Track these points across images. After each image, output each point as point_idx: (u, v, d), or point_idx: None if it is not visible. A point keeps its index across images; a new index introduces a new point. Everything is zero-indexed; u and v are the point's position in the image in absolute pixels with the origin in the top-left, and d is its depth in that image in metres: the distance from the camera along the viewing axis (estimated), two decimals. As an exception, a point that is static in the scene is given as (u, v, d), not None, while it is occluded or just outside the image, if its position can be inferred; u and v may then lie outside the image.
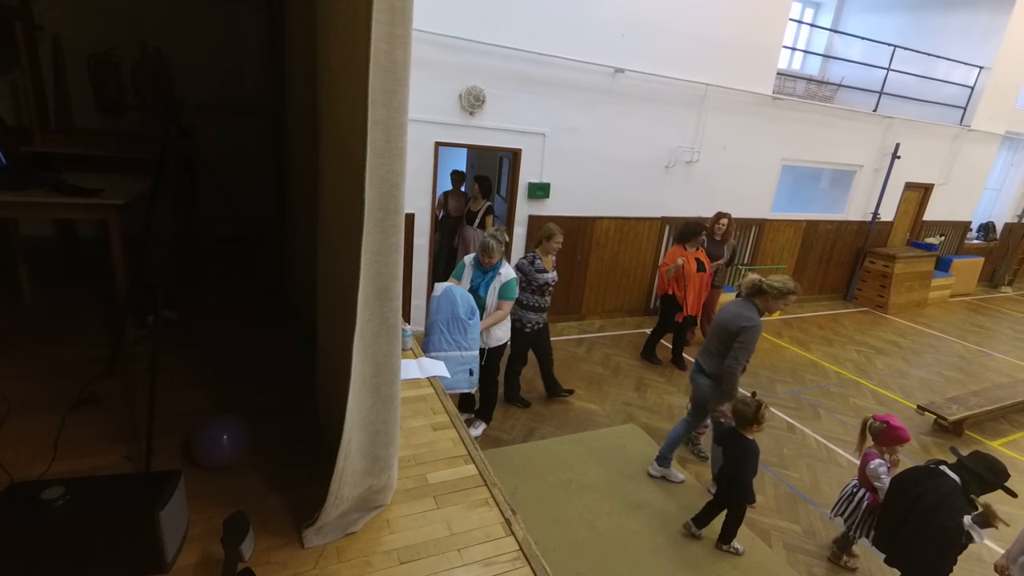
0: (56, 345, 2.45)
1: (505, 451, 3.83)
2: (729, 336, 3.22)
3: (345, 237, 1.47)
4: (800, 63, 9.77)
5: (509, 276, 3.53)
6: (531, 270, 3.95)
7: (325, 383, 1.95)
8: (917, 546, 2.57)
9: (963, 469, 2.58)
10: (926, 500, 2.56)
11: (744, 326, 3.15)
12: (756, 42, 6.32)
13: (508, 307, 3.59)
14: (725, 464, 3.06)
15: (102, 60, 3.97)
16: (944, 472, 2.60)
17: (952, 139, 8.79)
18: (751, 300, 3.22)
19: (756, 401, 2.96)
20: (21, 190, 2.30)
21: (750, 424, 2.93)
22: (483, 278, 3.52)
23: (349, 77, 1.38)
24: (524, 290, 3.98)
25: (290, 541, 1.56)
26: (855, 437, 4.54)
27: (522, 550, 1.66)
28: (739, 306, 3.24)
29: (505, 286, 3.52)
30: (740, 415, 2.97)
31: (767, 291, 3.16)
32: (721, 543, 3.14)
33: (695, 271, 5.09)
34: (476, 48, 4.94)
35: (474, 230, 5.88)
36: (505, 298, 3.54)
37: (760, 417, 2.92)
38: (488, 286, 3.50)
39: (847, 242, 8.54)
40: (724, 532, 3.12)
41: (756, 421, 2.92)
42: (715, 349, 3.34)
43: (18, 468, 1.68)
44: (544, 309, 4.10)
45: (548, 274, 3.98)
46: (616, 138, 5.96)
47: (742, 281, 3.32)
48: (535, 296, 4.00)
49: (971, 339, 7.58)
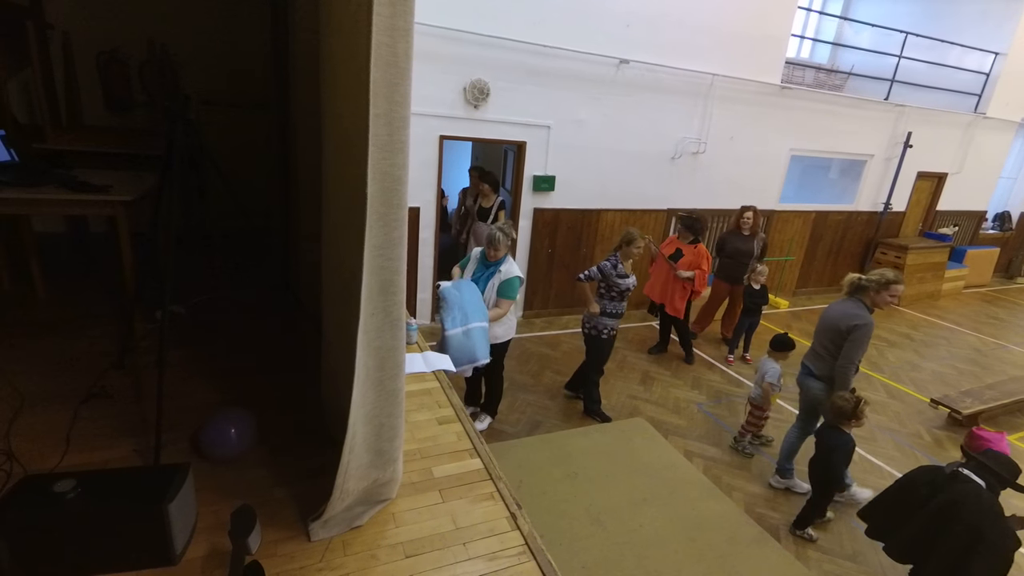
0: (67, 339, 2.49)
1: (510, 444, 3.84)
2: (839, 335, 3.19)
3: (348, 231, 1.47)
4: (809, 52, 9.62)
5: (511, 274, 3.44)
6: (613, 274, 3.85)
7: (330, 377, 1.97)
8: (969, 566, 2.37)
9: (984, 469, 2.51)
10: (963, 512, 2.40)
11: (855, 324, 3.12)
12: (764, 31, 6.22)
13: (507, 307, 3.47)
14: (817, 456, 3.09)
15: (111, 58, 4.00)
16: (969, 476, 2.51)
17: (966, 127, 8.63)
18: (858, 298, 3.19)
19: (856, 397, 2.98)
20: (34, 187, 2.33)
21: (848, 419, 2.97)
22: (484, 272, 3.46)
23: (351, 70, 1.38)
24: (603, 296, 3.93)
25: (296, 534, 1.58)
26: (864, 431, 4.53)
27: (527, 544, 1.66)
28: (847, 305, 3.22)
29: (505, 283, 3.42)
30: (839, 410, 2.99)
31: (867, 286, 3.14)
32: (796, 528, 3.17)
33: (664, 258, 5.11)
34: (480, 41, 4.91)
35: (487, 226, 5.83)
36: (505, 296, 3.44)
37: (859, 412, 2.94)
38: (487, 281, 3.44)
39: (857, 233, 8.43)
40: (801, 518, 3.16)
41: (854, 416, 2.96)
42: (824, 351, 3.30)
43: (31, 460, 1.71)
44: (621, 315, 4.02)
45: (629, 279, 3.90)
46: (621, 130, 5.92)
47: (843, 281, 3.32)
48: (614, 302, 3.92)
49: (986, 331, 7.48)
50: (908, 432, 4.67)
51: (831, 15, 9.02)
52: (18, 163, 2.55)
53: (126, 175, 2.77)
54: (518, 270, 3.52)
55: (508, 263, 3.47)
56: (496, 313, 3.44)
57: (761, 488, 3.68)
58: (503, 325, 3.57)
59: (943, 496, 2.50)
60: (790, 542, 3.21)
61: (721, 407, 4.73)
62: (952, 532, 2.41)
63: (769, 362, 3.86)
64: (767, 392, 3.83)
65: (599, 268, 3.91)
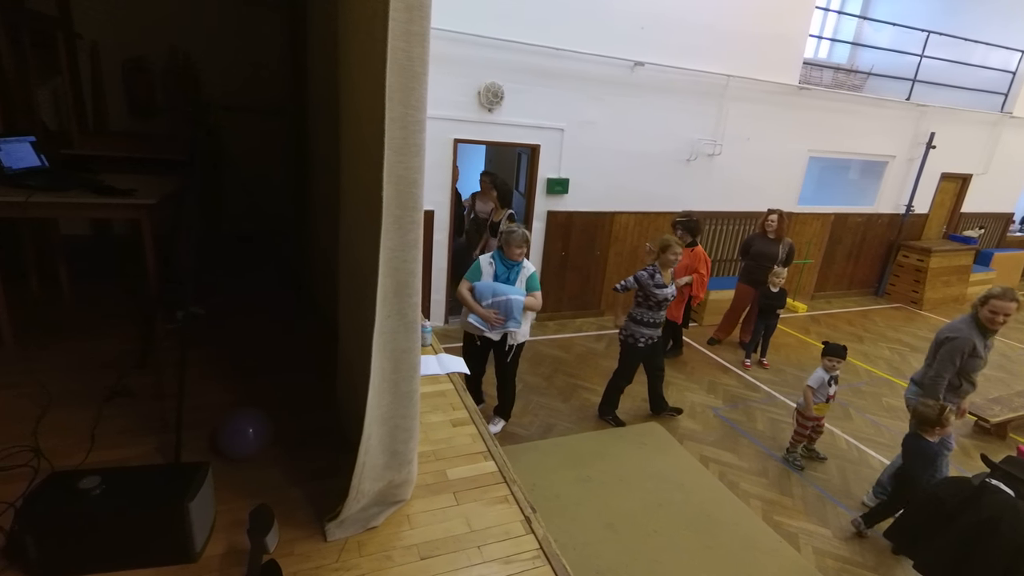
0: (92, 339, 2.55)
1: (523, 447, 3.84)
2: (935, 347, 3.21)
3: (364, 234, 1.49)
4: (827, 52, 9.47)
5: (531, 269, 3.55)
6: (650, 284, 3.81)
7: (345, 378, 1.99)
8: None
9: (1011, 478, 2.45)
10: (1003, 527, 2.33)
11: (947, 336, 3.12)
12: (780, 31, 6.15)
13: (540, 297, 3.55)
14: (904, 464, 3.09)
15: (135, 66, 4.10)
16: (999, 487, 2.45)
17: (992, 126, 8.42)
18: (973, 313, 3.15)
19: (940, 404, 2.96)
20: (62, 191, 2.40)
21: (932, 426, 2.95)
22: (508, 272, 3.47)
23: (367, 75, 1.40)
24: (640, 305, 3.91)
25: (312, 533, 1.60)
26: (887, 438, 4.43)
27: (542, 548, 1.66)
28: (960, 318, 3.20)
29: (532, 276, 3.52)
30: (921, 416, 2.98)
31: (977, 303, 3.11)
32: (864, 523, 3.24)
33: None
34: (494, 44, 4.93)
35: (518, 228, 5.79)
36: (534, 288, 3.52)
37: (944, 420, 2.92)
38: (516, 279, 3.47)
39: (878, 235, 8.27)
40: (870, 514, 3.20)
41: (939, 423, 2.94)
42: (928, 358, 3.32)
43: (58, 457, 1.76)
44: (659, 325, 3.99)
45: (667, 289, 3.85)
46: (635, 132, 5.89)
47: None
48: (651, 312, 3.88)
49: (1014, 336, 7.26)
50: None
51: (850, 14, 8.88)
52: (48, 168, 2.63)
53: (149, 179, 2.83)
54: (533, 265, 3.62)
55: (525, 260, 3.55)
56: (533, 303, 3.49)
57: (778, 495, 3.61)
58: (527, 322, 3.60)
59: (977, 511, 2.43)
60: (809, 553, 3.15)
61: (737, 412, 4.66)
62: (991, 548, 2.34)
63: (818, 369, 3.79)
64: (807, 397, 3.74)
65: (636, 278, 3.87)
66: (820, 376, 3.73)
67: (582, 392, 4.69)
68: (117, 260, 3.72)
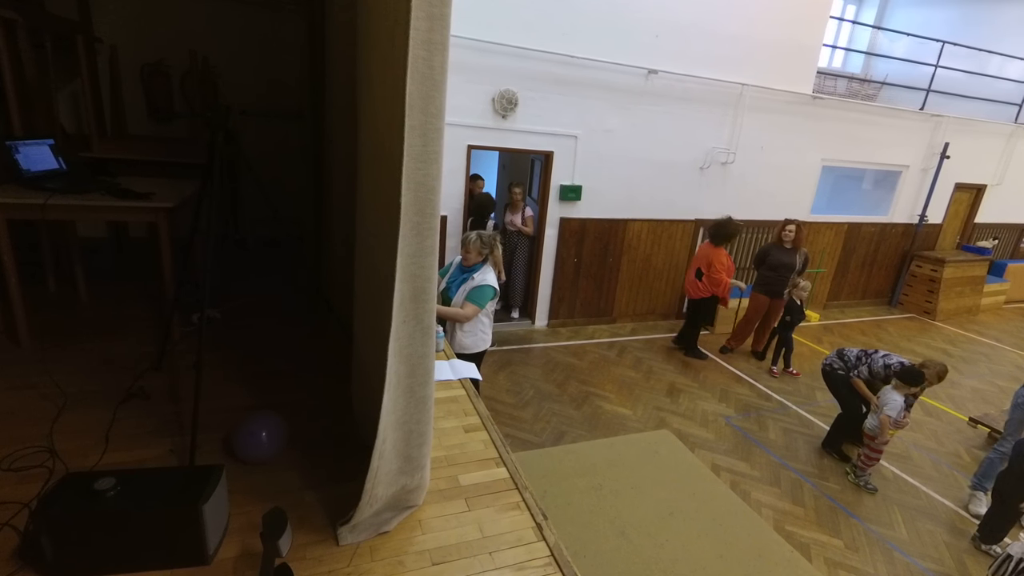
0: (108, 341, 2.57)
1: (535, 454, 3.82)
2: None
3: (381, 239, 1.49)
4: (842, 61, 9.43)
5: (484, 282, 3.24)
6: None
7: (361, 382, 1.99)
8: None
9: None
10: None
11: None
12: (795, 41, 6.13)
13: (472, 311, 3.22)
14: (1009, 468, 3.05)
15: (154, 70, 4.17)
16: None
17: (1007, 137, 8.33)
18: None
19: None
20: (80, 193, 2.43)
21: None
22: (459, 277, 3.37)
23: (388, 82, 1.40)
24: None
25: (325, 538, 1.59)
26: (902, 449, 4.37)
27: (554, 556, 1.64)
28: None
29: (476, 290, 3.22)
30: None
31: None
32: (983, 542, 3.12)
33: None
34: (510, 51, 4.96)
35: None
36: (472, 301, 3.22)
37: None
38: (459, 286, 3.30)
39: (892, 245, 8.19)
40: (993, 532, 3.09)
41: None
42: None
43: (72, 458, 1.77)
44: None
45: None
46: (649, 139, 5.88)
47: None
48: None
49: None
50: (946, 451, 4.48)
51: (864, 24, 8.84)
52: (66, 171, 2.67)
53: (166, 182, 2.86)
54: (494, 281, 3.30)
55: (484, 272, 3.29)
56: (459, 314, 3.22)
57: (791, 504, 3.57)
58: (471, 335, 3.34)
59: None
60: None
61: (750, 421, 4.61)
62: None
63: (892, 393, 3.69)
64: (884, 424, 3.65)
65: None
66: (898, 403, 3.64)
67: (595, 399, 4.67)
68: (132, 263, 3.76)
